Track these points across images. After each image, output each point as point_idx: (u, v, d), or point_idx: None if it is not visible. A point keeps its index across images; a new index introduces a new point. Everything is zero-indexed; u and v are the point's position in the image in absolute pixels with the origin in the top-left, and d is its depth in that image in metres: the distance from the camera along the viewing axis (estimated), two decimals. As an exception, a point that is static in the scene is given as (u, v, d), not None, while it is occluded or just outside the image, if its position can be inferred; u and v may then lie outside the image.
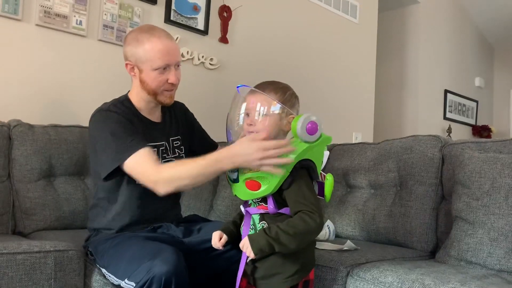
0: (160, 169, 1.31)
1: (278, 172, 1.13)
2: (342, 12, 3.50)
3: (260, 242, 1.12)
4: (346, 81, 3.54)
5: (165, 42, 1.44)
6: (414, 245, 1.78)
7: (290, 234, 1.11)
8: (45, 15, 2.04)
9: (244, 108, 1.23)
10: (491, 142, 1.71)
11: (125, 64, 1.50)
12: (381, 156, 1.97)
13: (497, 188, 1.45)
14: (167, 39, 1.45)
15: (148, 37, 1.44)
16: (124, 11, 2.30)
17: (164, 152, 1.54)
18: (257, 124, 1.19)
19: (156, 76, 1.44)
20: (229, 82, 2.78)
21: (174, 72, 1.46)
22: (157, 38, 1.43)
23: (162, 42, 1.43)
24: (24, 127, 1.81)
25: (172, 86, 1.49)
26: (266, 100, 1.20)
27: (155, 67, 1.43)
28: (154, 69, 1.43)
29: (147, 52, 1.42)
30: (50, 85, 2.10)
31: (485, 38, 5.44)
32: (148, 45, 1.43)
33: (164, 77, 1.45)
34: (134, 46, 1.45)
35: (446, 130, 4.76)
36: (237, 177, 1.19)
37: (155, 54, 1.42)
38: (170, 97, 1.52)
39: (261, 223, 1.20)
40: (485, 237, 1.43)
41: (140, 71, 1.46)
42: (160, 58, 1.42)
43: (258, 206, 1.21)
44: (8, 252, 1.27)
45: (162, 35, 1.46)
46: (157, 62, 1.43)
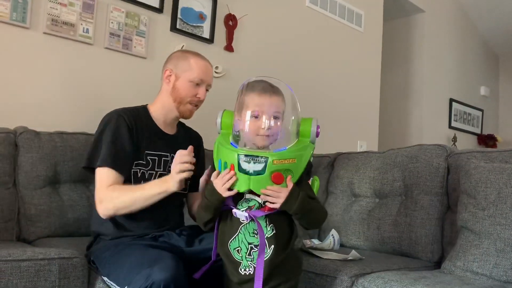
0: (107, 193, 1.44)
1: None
2: (347, 21, 3.51)
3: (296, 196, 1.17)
4: (351, 89, 3.54)
5: (207, 63, 1.65)
6: (419, 255, 1.77)
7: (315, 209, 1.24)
8: (52, 23, 2.06)
9: (266, 109, 1.22)
10: (497, 152, 1.70)
11: (164, 70, 1.64)
12: (386, 165, 1.97)
13: (503, 198, 1.44)
14: (207, 62, 1.66)
15: (194, 55, 1.65)
16: (130, 19, 2.32)
17: (166, 163, 1.59)
18: (275, 127, 1.21)
19: (189, 86, 1.60)
20: (234, 90, 2.77)
21: (204, 90, 1.64)
22: (201, 58, 1.64)
23: (204, 62, 1.64)
24: (30, 134, 1.82)
25: (198, 101, 1.64)
26: (283, 103, 1.25)
27: (192, 79, 1.60)
28: (190, 80, 1.60)
29: (191, 64, 1.61)
30: (57, 92, 2.12)
31: (490, 47, 5.44)
32: (193, 60, 1.62)
33: (195, 91, 1.61)
34: (178, 59, 1.63)
35: (451, 139, 4.74)
36: (263, 169, 1.16)
37: (197, 68, 1.60)
38: (191, 112, 1.65)
39: (270, 226, 1.19)
40: (492, 248, 1.42)
41: (177, 78, 1.61)
42: (199, 73, 1.60)
43: (262, 208, 1.19)
44: (13, 259, 1.28)
45: (205, 58, 1.67)
46: (195, 74, 1.60)
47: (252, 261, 1.19)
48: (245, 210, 1.20)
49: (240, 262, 1.20)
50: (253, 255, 1.19)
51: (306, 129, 1.24)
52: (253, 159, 1.16)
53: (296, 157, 1.18)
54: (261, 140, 1.20)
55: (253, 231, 1.20)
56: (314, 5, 3.25)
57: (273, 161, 1.15)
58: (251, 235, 1.20)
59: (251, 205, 1.21)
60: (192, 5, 2.57)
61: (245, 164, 1.17)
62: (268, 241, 1.18)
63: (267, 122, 1.19)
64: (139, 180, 1.53)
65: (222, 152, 1.21)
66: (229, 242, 1.22)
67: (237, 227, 1.21)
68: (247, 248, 1.19)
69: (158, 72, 2.45)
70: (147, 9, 2.39)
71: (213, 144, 1.26)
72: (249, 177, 1.16)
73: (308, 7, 3.22)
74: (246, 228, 1.20)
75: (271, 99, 1.22)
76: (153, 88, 2.45)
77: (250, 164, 1.16)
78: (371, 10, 3.72)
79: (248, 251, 1.19)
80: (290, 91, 1.25)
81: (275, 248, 1.18)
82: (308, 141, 1.23)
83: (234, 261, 1.21)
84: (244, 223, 1.20)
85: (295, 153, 1.19)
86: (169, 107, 1.63)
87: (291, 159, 1.17)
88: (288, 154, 1.18)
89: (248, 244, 1.20)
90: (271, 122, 1.20)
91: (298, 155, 1.19)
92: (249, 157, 1.16)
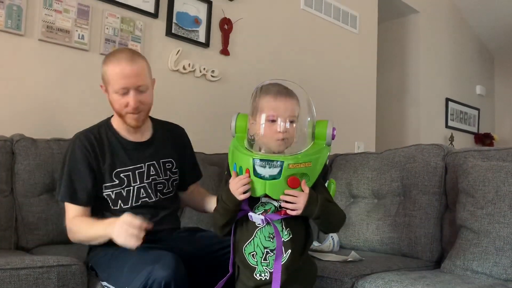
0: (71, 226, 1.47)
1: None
2: (342, 23, 3.52)
3: (316, 201, 1.16)
4: (347, 91, 3.55)
5: (123, 65, 1.42)
6: (419, 255, 1.77)
7: (335, 214, 1.24)
8: (47, 30, 2.06)
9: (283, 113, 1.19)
10: (495, 150, 1.70)
11: (100, 85, 1.53)
12: (384, 165, 1.97)
13: (501, 197, 1.45)
14: (126, 62, 1.43)
15: (111, 59, 1.46)
16: (125, 25, 2.32)
17: (150, 175, 1.54)
18: (291, 131, 1.19)
19: (117, 98, 1.46)
20: (230, 94, 2.79)
21: (133, 96, 1.44)
22: (116, 61, 1.44)
23: (120, 65, 1.43)
24: (27, 141, 1.82)
25: (134, 109, 1.46)
26: (298, 106, 1.23)
27: (114, 90, 1.45)
28: (115, 92, 1.46)
29: (109, 75, 1.45)
30: (53, 99, 2.11)
31: (485, 46, 5.46)
32: (108, 69, 1.45)
33: (124, 101, 1.45)
34: (103, 68, 1.49)
35: (449, 139, 4.75)
36: (278, 173, 1.14)
37: (113, 77, 1.44)
38: (136, 120, 1.50)
39: (287, 230, 1.18)
40: (491, 246, 1.42)
41: (108, 93, 1.50)
42: (117, 81, 1.43)
43: (278, 211, 1.17)
44: (11, 267, 1.27)
45: (122, 57, 1.44)
46: (115, 85, 1.44)
47: (268, 266, 1.17)
48: (261, 214, 1.18)
49: (255, 267, 1.18)
50: (269, 259, 1.17)
51: (321, 131, 1.22)
52: (268, 163, 1.14)
53: (311, 161, 1.16)
54: (276, 144, 1.17)
55: (268, 235, 1.17)
56: (309, 8, 3.26)
57: (289, 165, 1.13)
58: (267, 239, 1.18)
59: (267, 209, 1.19)
60: (187, 9, 2.57)
61: (260, 169, 1.15)
62: (284, 245, 1.16)
63: (283, 126, 1.17)
64: (117, 200, 1.49)
65: (237, 157, 1.19)
66: (244, 247, 1.20)
67: (253, 231, 1.19)
68: (263, 253, 1.17)
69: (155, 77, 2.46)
70: (142, 15, 2.39)
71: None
72: (264, 181, 1.14)
73: (303, 9, 3.23)
74: (262, 232, 1.18)
75: (286, 103, 1.19)
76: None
77: (266, 168, 1.14)
78: (366, 12, 3.74)
79: (263, 256, 1.17)
80: (305, 94, 1.23)
81: (291, 253, 1.16)
82: (323, 143, 1.22)
83: (249, 266, 1.19)
84: (259, 227, 1.18)
85: (311, 156, 1.17)
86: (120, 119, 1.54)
87: (306, 163, 1.15)
88: (303, 158, 1.16)
89: (263, 248, 1.18)
90: (287, 125, 1.17)
91: (314, 158, 1.17)
92: (264, 162, 1.14)
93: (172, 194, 1.61)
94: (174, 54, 2.50)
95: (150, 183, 1.53)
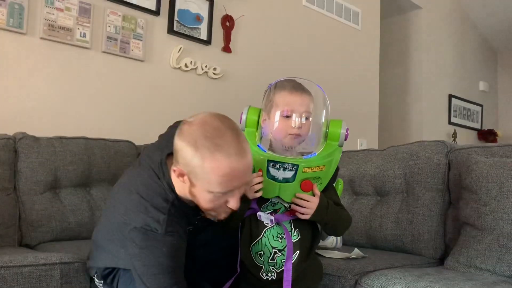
0: None
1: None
2: (345, 19, 3.51)
3: (326, 206, 1.15)
4: (350, 87, 3.54)
5: (234, 163, 1.01)
6: (422, 252, 1.76)
7: (343, 217, 1.23)
8: (49, 28, 2.06)
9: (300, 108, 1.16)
10: (498, 146, 1.69)
11: (173, 170, 1.09)
12: (386, 162, 1.96)
13: (505, 193, 1.44)
14: (237, 158, 1.02)
15: (212, 151, 1.01)
16: (127, 22, 2.32)
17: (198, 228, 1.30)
18: (306, 127, 1.16)
19: (211, 198, 1.07)
20: (232, 91, 2.78)
21: (238, 197, 1.08)
22: (225, 157, 1.01)
23: (230, 162, 1.01)
24: (30, 139, 1.82)
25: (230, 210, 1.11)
26: (313, 103, 1.20)
27: (212, 191, 1.05)
28: (211, 192, 1.06)
29: (206, 173, 1.02)
30: (55, 97, 2.12)
31: (488, 42, 5.43)
32: (209, 163, 1.01)
33: (222, 201, 1.08)
34: (191, 155, 1.03)
35: (452, 135, 4.73)
36: (292, 176, 1.11)
37: (216, 178, 1.02)
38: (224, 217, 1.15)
39: (296, 231, 1.17)
40: (494, 243, 1.42)
41: (192, 185, 1.07)
42: (222, 184, 1.03)
43: (287, 212, 1.16)
44: (14, 265, 1.27)
45: (232, 148, 1.02)
46: (217, 188, 1.04)
47: (275, 266, 1.16)
48: (271, 214, 1.16)
49: (262, 266, 1.17)
50: (276, 260, 1.16)
51: (335, 131, 1.18)
52: (282, 165, 1.11)
53: (325, 164, 1.14)
54: (290, 140, 1.14)
55: (277, 235, 1.16)
56: (311, 4, 3.25)
57: (303, 169, 1.11)
58: (275, 239, 1.16)
59: (276, 209, 1.17)
60: (189, 7, 2.57)
61: (274, 171, 1.12)
62: (293, 246, 1.15)
63: (298, 121, 1.13)
64: None
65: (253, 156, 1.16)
66: (251, 246, 1.18)
67: (261, 231, 1.17)
68: (270, 253, 1.16)
69: (156, 75, 2.47)
70: (144, 12, 2.39)
71: None
72: (277, 184, 1.12)
73: (305, 6, 3.22)
74: (270, 232, 1.17)
75: (302, 98, 1.16)
76: (151, 90, 2.46)
77: (280, 171, 1.11)
78: (368, 8, 3.72)
79: (271, 256, 1.16)
80: (321, 91, 1.21)
81: (300, 253, 1.16)
82: (336, 144, 1.18)
83: (255, 266, 1.17)
84: (268, 226, 1.17)
85: (325, 159, 1.15)
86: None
87: (320, 167, 1.13)
88: (318, 161, 1.14)
89: (272, 248, 1.16)
90: (302, 121, 1.14)
91: (328, 161, 1.15)
92: (278, 164, 1.11)
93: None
94: (176, 51, 2.50)
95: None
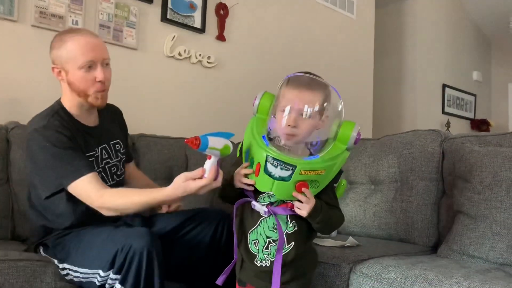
0: (103, 197, 1.29)
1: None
2: (339, 8, 3.49)
3: (320, 209, 1.13)
4: (344, 77, 3.53)
5: (88, 38, 1.39)
6: (416, 240, 1.78)
7: (333, 220, 1.19)
8: (40, 15, 2.03)
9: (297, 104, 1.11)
10: (491, 135, 1.70)
11: (52, 68, 1.43)
12: (381, 151, 1.97)
13: (498, 182, 1.45)
14: (90, 36, 1.40)
15: (71, 35, 1.39)
16: (120, 10, 2.29)
17: (104, 159, 1.49)
18: (302, 127, 1.11)
19: (82, 75, 1.38)
20: (227, 80, 2.77)
21: (101, 69, 1.39)
22: (80, 36, 1.39)
23: (85, 38, 1.38)
24: (22, 129, 1.79)
25: (102, 85, 1.41)
26: (320, 102, 1.13)
27: (80, 65, 1.37)
28: (79, 68, 1.37)
29: (70, 51, 1.37)
30: (47, 85, 2.09)
31: (482, 32, 5.44)
32: (70, 43, 1.37)
33: (91, 76, 1.39)
34: (58, 48, 1.40)
35: (445, 125, 4.76)
36: (289, 176, 1.09)
37: (78, 51, 1.37)
38: (102, 98, 1.44)
39: (292, 223, 1.16)
40: (487, 231, 1.43)
41: (66, 72, 1.40)
42: (84, 54, 1.37)
43: (283, 204, 1.15)
44: (10, 258, 1.28)
45: (85, 32, 1.41)
46: (81, 59, 1.37)
47: (269, 255, 1.16)
48: (266, 205, 1.15)
49: (256, 254, 1.17)
50: (271, 249, 1.16)
51: (345, 133, 1.14)
52: (280, 164, 1.09)
53: (326, 168, 1.10)
54: (284, 138, 1.12)
55: (272, 225, 1.16)
56: (305, -7, 3.22)
57: (301, 171, 1.08)
58: (270, 229, 1.16)
59: (273, 201, 1.16)
60: (182, -6, 2.54)
61: (272, 167, 1.10)
62: (288, 237, 1.15)
63: (291, 119, 1.10)
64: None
65: (253, 146, 1.14)
66: (249, 234, 1.19)
67: (257, 220, 1.18)
68: (265, 242, 1.16)
69: (150, 63, 2.45)
70: (137, 0, 2.35)
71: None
72: (273, 180, 1.11)
73: (299, -6, 3.19)
74: (266, 221, 1.17)
75: (302, 95, 1.10)
76: (144, 79, 2.44)
77: (277, 168, 1.09)
78: (363, -3, 3.70)
79: (265, 245, 1.17)
80: (334, 91, 1.14)
81: (295, 245, 1.15)
82: (344, 147, 1.14)
83: (251, 253, 1.18)
84: (264, 216, 1.17)
85: (326, 163, 1.11)
86: (79, 103, 1.44)
87: (320, 171, 1.09)
88: (318, 164, 1.10)
89: (266, 238, 1.17)
90: (297, 120, 1.10)
91: (329, 165, 1.11)
92: (276, 161, 1.09)
93: (124, 175, 1.60)
94: (170, 40, 2.47)
95: (104, 168, 1.49)
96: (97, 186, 1.31)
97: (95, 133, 1.49)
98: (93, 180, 1.32)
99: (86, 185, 1.31)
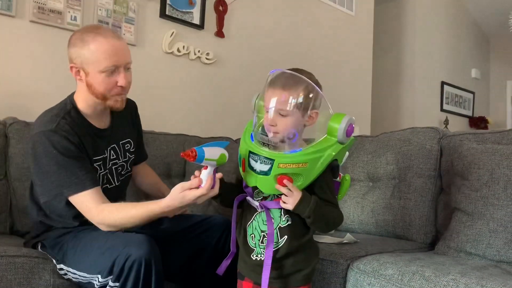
0: (103, 213, 1.29)
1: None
2: (339, 5, 3.48)
3: (308, 202, 1.11)
4: (343, 74, 3.53)
5: (111, 41, 1.33)
6: (413, 237, 1.78)
7: (329, 216, 1.16)
8: (39, 11, 2.02)
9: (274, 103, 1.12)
10: (489, 133, 1.70)
11: (70, 67, 1.37)
12: (379, 148, 1.97)
13: (496, 179, 1.45)
14: (113, 39, 1.34)
15: (93, 36, 1.33)
16: (119, 6, 2.28)
17: (111, 160, 1.48)
18: (281, 125, 1.12)
19: (103, 79, 1.34)
20: (225, 77, 2.77)
21: (123, 74, 1.36)
22: (103, 38, 1.33)
23: (108, 41, 1.32)
24: (20, 124, 1.80)
25: (122, 89, 1.38)
26: (298, 98, 1.12)
27: (102, 69, 1.32)
28: (101, 72, 1.33)
29: (93, 53, 1.32)
30: (45, 81, 2.09)
31: (481, 30, 5.44)
32: (93, 45, 1.32)
33: (113, 80, 1.35)
34: (79, 47, 1.33)
35: (443, 122, 4.76)
36: (268, 170, 1.10)
37: (101, 55, 1.31)
38: (121, 102, 1.41)
39: (285, 217, 1.16)
40: (484, 228, 1.43)
41: (86, 74, 1.35)
42: (107, 59, 1.32)
43: (276, 199, 1.16)
44: (8, 254, 1.28)
45: (108, 34, 1.35)
46: (104, 63, 1.32)
47: (265, 249, 1.17)
48: (260, 200, 1.18)
49: (254, 248, 1.19)
50: (265, 243, 1.17)
51: (333, 126, 1.12)
52: (259, 158, 1.11)
53: (308, 161, 1.09)
54: (270, 135, 1.13)
55: (266, 219, 1.17)
56: (304, -11, 3.22)
57: (279, 165, 1.09)
58: (264, 223, 1.18)
59: (266, 195, 1.18)
60: (181, -10, 2.53)
61: (253, 162, 1.13)
62: (281, 231, 1.16)
63: (270, 118, 1.11)
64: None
65: (241, 143, 1.18)
66: (247, 227, 1.21)
67: (253, 214, 1.20)
68: (260, 236, 1.18)
69: (149, 59, 2.44)
70: (135, -5, 2.35)
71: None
72: (256, 175, 1.13)
73: (298, -9, 3.19)
74: (261, 216, 1.19)
75: (277, 94, 1.11)
76: (143, 75, 2.44)
77: (257, 163, 1.12)
78: (362, -7, 3.70)
79: (261, 239, 1.18)
80: (312, 84, 1.14)
81: (288, 239, 1.16)
82: (334, 140, 1.13)
83: (249, 247, 1.20)
84: (259, 211, 1.19)
85: (309, 156, 1.10)
86: (94, 104, 1.40)
87: (301, 163, 1.09)
88: (298, 158, 1.09)
89: (261, 231, 1.18)
90: (275, 119, 1.11)
91: (312, 158, 1.10)
92: (256, 156, 1.12)
93: (129, 175, 1.59)
94: (168, 36, 2.47)
95: (111, 169, 1.48)
96: (98, 201, 1.30)
97: (105, 134, 1.47)
98: (95, 195, 1.30)
99: (88, 200, 1.30)
